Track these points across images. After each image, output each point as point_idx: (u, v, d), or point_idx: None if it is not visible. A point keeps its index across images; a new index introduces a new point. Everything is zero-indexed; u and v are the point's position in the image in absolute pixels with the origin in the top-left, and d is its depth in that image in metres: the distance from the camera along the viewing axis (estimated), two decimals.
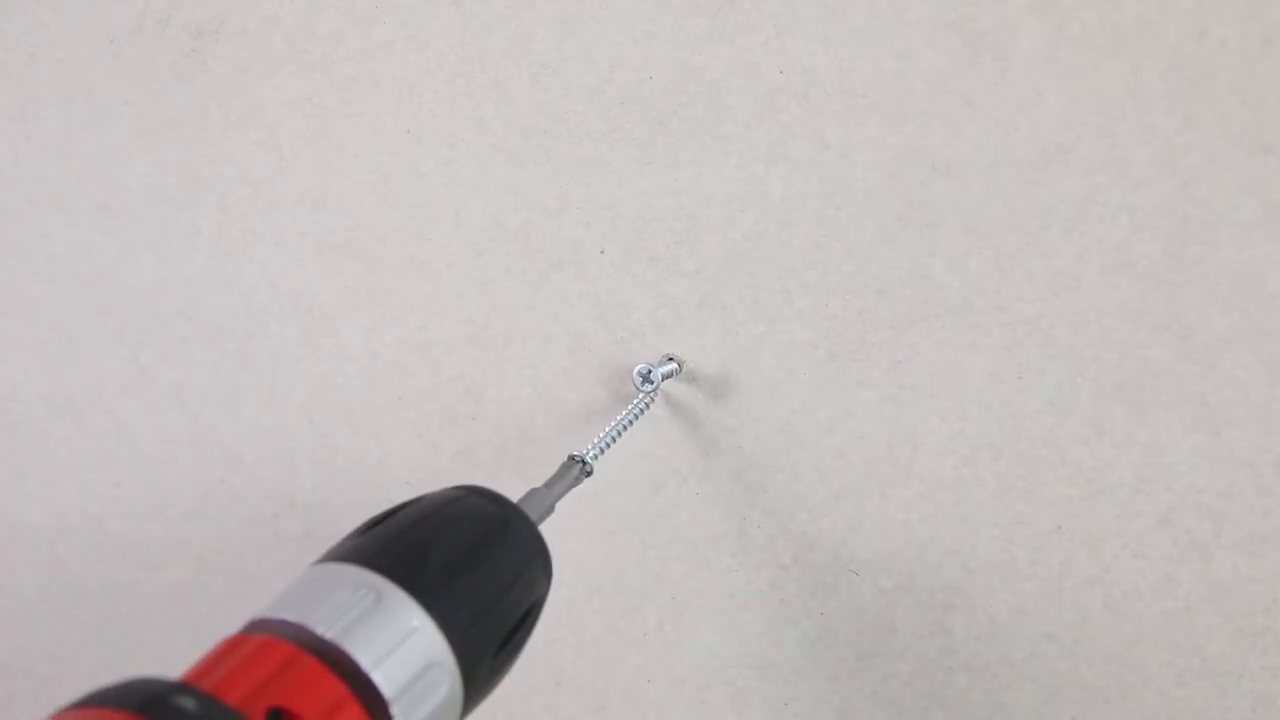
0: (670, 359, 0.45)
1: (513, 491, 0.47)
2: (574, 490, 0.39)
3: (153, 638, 0.55)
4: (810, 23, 0.42)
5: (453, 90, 0.46)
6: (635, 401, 0.44)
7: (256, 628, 0.29)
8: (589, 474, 0.40)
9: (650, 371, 0.45)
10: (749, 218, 0.44)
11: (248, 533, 0.52)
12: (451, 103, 0.46)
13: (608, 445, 0.42)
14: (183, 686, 0.25)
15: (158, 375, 0.51)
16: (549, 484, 0.39)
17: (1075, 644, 0.44)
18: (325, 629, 0.28)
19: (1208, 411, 0.41)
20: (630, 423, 0.43)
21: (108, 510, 0.53)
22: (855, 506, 0.45)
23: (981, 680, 0.45)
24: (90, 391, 0.52)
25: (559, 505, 0.38)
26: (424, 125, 0.47)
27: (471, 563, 0.32)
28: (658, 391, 0.45)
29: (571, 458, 0.40)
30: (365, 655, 0.28)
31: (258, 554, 0.52)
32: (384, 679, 0.28)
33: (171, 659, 0.56)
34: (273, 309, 0.49)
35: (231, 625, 0.56)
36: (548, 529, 0.36)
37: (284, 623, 0.28)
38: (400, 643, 0.29)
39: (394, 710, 0.28)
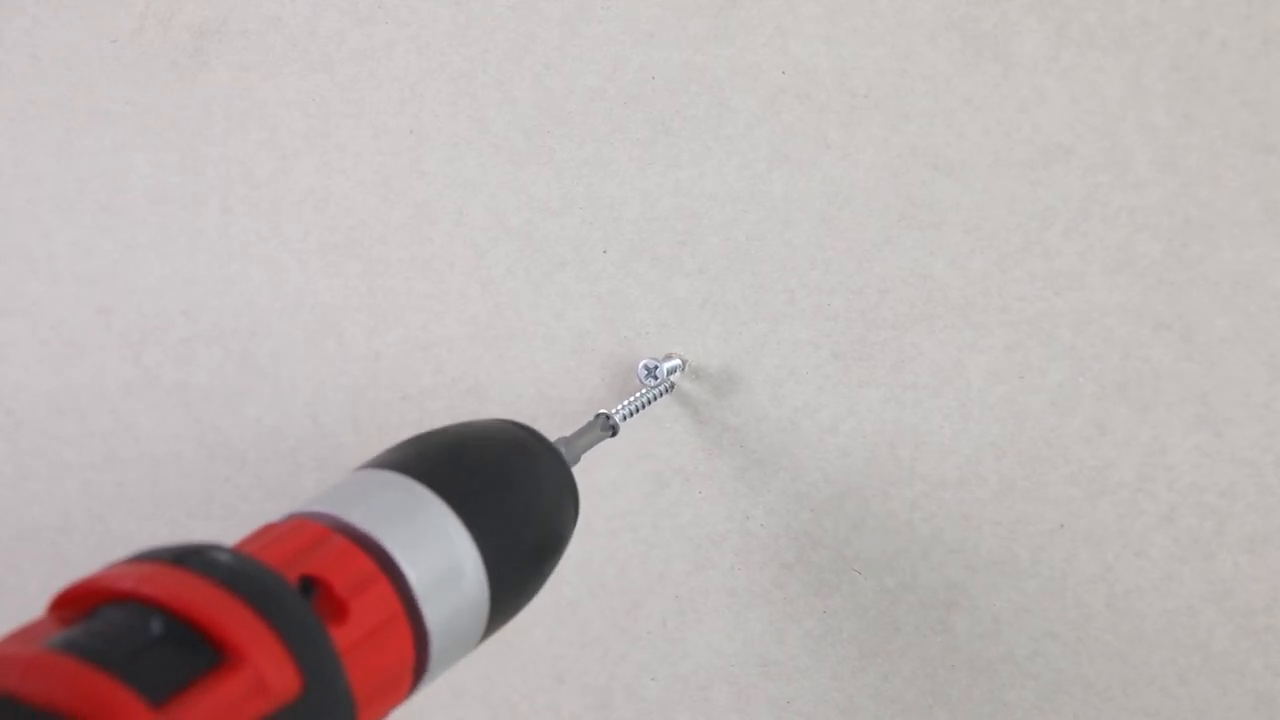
0: (673, 358, 0.45)
1: None
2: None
3: None
4: (812, 23, 0.42)
5: (455, 90, 0.46)
6: (660, 380, 0.45)
7: (297, 517, 0.29)
8: (614, 434, 0.42)
9: (656, 367, 0.45)
10: (751, 217, 0.44)
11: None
12: (454, 103, 0.46)
13: (633, 411, 0.43)
14: (217, 545, 0.25)
15: (161, 375, 0.51)
16: (576, 434, 0.40)
17: (1078, 642, 0.44)
18: (357, 519, 0.28)
19: (1209, 411, 0.41)
20: (655, 397, 0.44)
21: (111, 510, 0.53)
22: (858, 505, 0.45)
23: (984, 678, 0.45)
24: (93, 391, 0.52)
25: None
26: (426, 125, 0.47)
27: (503, 478, 0.33)
28: (681, 370, 0.45)
29: (600, 414, 0.42)
30: (394, 544, 0.28)
31: None
32: (412, 569, 0.28)
33: None
34: (275, 309, 0.49)
35: None
36: None
37: (318, 514, 0.29)
38: (430, 539, 0.29)
39: (421, 603, 0.28)
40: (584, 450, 0.39)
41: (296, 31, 0.47)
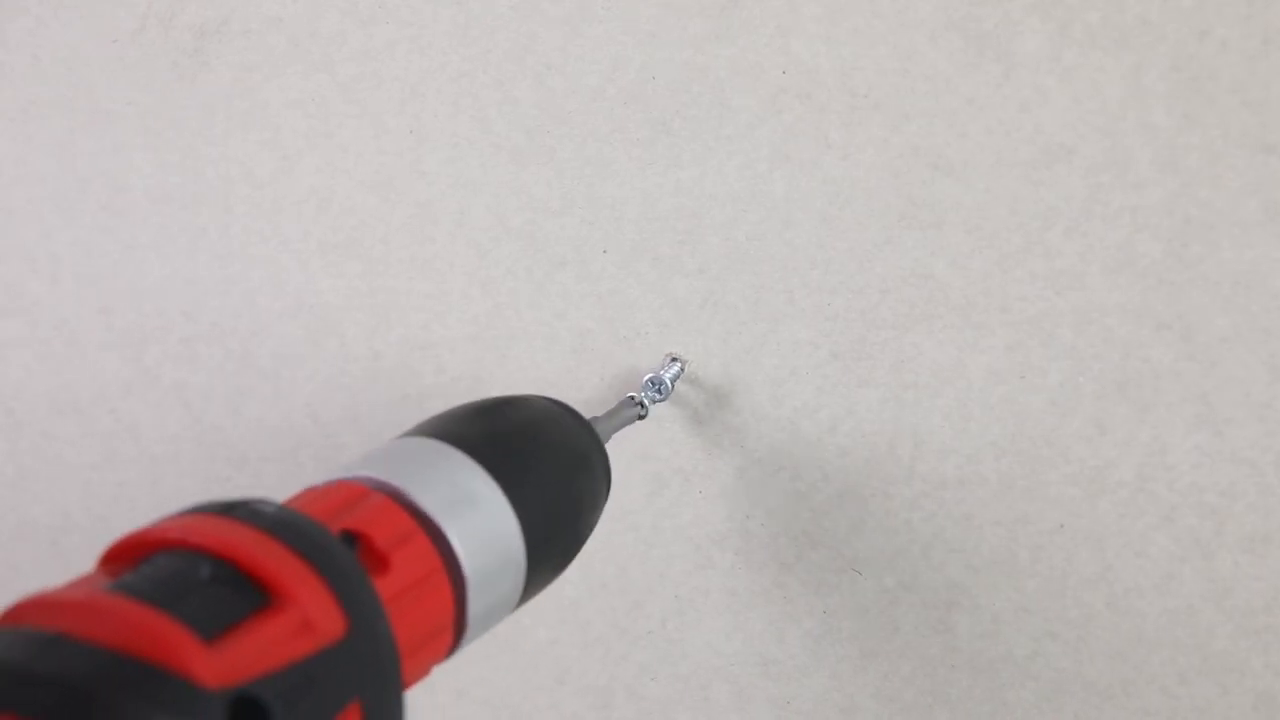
0: (674, 359, 0.46)
1: None
2: None
3: None
4: (813, 23, 0.42)
5: (456, 90, 0.46)
6: (679, 368, 0.45)
7: (330, 481, 0.30)
8: (643, 417, 0.43)
9: (661, 383, 0.45)
10: (752, 217, 0.44)
11: None
12: (455, 103, 0.46)
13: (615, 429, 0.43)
14: (266, 500, 0.26)
15: (161, 375, 0.51)
16: (607, 415, 0.41)
17: (1078, 642, 0.44)
18: (396, 480, 0.29)
19: (1209, 410, 0.41)
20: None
21: (111, 509, 0.53)
22: (858, 505, 0.45)
23: (984, 678, 0.45)
24: (93, 391, 0.52)
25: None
26: (427, 125, 0.47)
27: (538, 444, 0.34)
28: (681, 372, 0.46)
29: (631, 397, 0.43)
30: (432, 504, 0.29)
31: None
32: (451, 527, 0.29)
33: None
34: (276, 309, 0.49)
35: None
36: None
37: (357, 476, 0.30)
38: (467, 500, 0.30)
39: (461, 560, 0.29)
40: (615, 430, 0.40)
41: (298, 32, 0.47)
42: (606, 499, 0.37)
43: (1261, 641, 0.42)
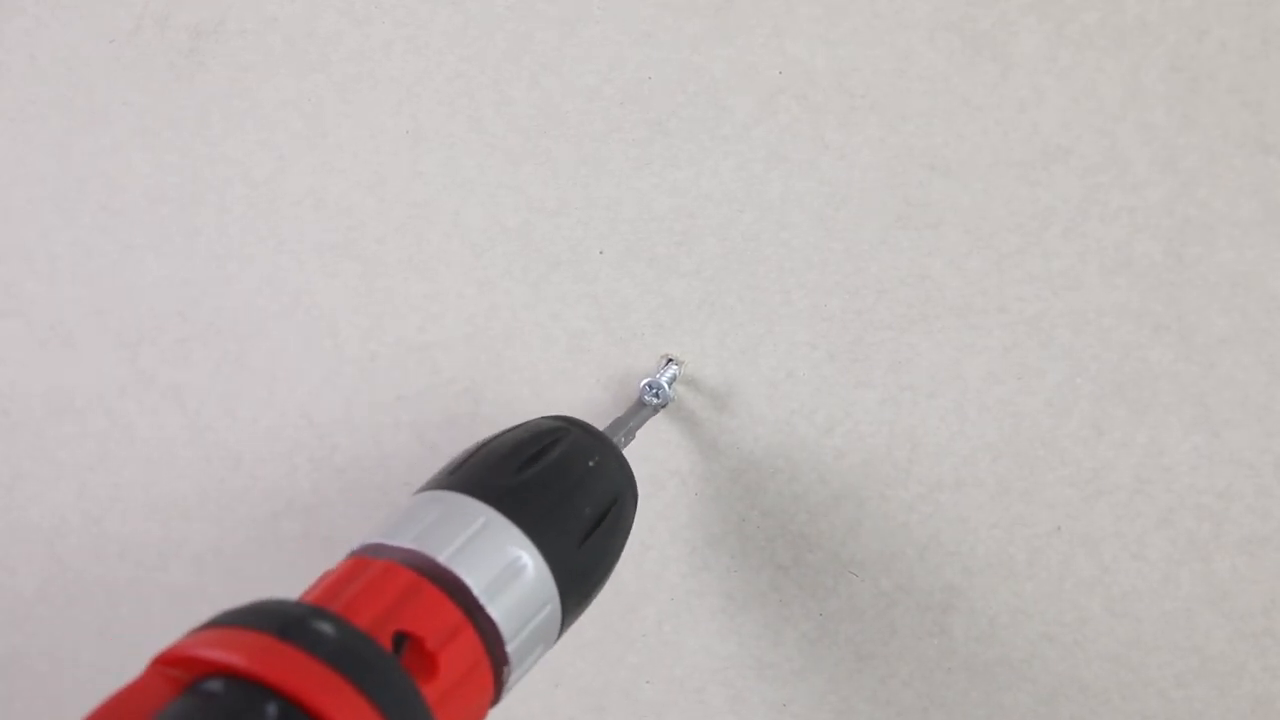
0: (670, 360, 0.45)
1: None
2: None
3: (152, 638, 0.54)
4: (809, 23, 0.42)
5: (452, 90, 0.46)
6: (675, 369, 0.45)
7: (371, 552, 0.30)
8: (661, 407, 0.44)
9: (659, 390, 0.44)
10: (748, 218, 0.44)
11: (247, 533, 0.52)
12: (451, 103, 0.46)
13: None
14: (318, 610, 0.26)
15: (157, 375, 0.51)
16: (628, 413, 0.41)
17: (1075, 645, 0.44)
18: (437, 553, 0.29)
19: (1207, 412, 0.41)
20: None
21: (106, 510, 0.53)
22: (854, 507, 0.45)
23: (981, 681, 0.45)
24: (89, 391, 0.52)
25: None
26: (423, 125, 0.46)
27: (532, 465, 0.34)
28: (677, 374, 0.46)
29: (643, 396, 0.43)
30: (479, 584, 0.29)
31: (257, 554, 0.52)
32: (496, 608, 0.29)
33: None
34: (272, 309, 0.49)
35: None
36: None
37: (397, 548, 0.30)
38: (510, 571, 0.30)
39: (505, 640, 0.29)
40: (639, 427, 0.41)
41: (294, 32, 0.47)
42: (634, 516, 0.37)
43: (1259, 644, 0.42)
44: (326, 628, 0.25)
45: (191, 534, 0.53)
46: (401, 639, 0.27)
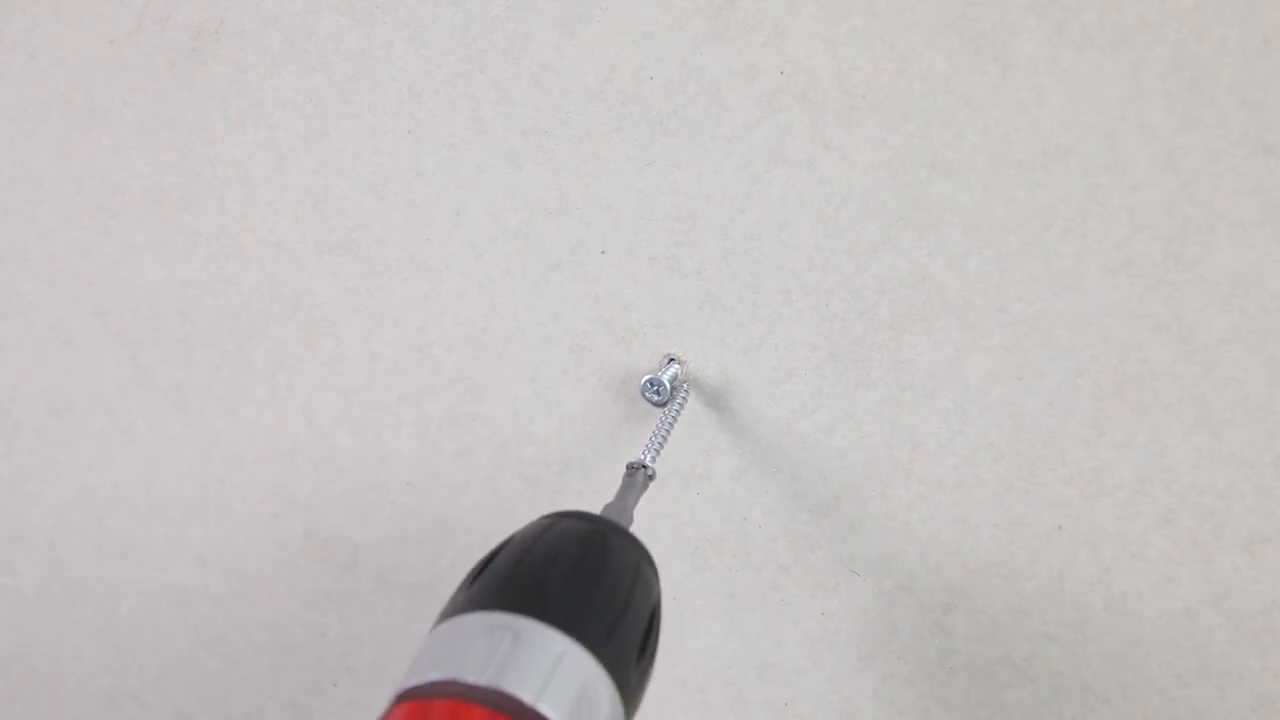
0: (671, 359, 0.45)
1: (512, 492, 0.47)
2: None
3: (152, 637, 0.55)
4: (810, 23, 0.42)
5: (452, 90, 0.46)
6: (673, 403, 0.44)
7: (411, 695, 0.28)
8: (652, 477, 0.41)
9: (659, 383, 0.44)
10: (749, 218, 0.44)
11: (247, 533, 0.52)
12: (451, 103, 0.46)
13: (660, 447, 0.42)
14: None
15: (157, 375, 0.51)
16: (619, 496, 0.39)
17: (1075, 644, 0.44)
18: (478, 677, 0.27)
19: (1207, 412, 0.41)
20: (674, 420, 0.44)
21: (107, 510, 0.53)
22: (856, 507, 0.45)
23: (982, 680, 0.45)
24: (90, 392, 0.52)
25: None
26: (424, 125, 0.46)
27: (589, 579, 0.32)
28: (680, 373, 0.45)
29: (631, 465, 0.41)
30: (527, 691, 0.27)
31: (257, 554, 0.52)
32: (551, 709, 0.27)
33: (171, 658, 0.56)
34: (272, 310, 0.49)
35: (230, 625, 0.56)
36: None
37: (435, 683, 0.27)
38: (554, 670, 0.28)
39: None
40: (633, 507, 0.39)
41: (294, 31, 0.47)
42: (661, 594, 0.36)
43: (1260, 644, 0.42)
44: None
45: (192, 533, 0.53)
46: None
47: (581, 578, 0.32)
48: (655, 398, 0.45)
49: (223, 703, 0.55)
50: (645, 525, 0.47)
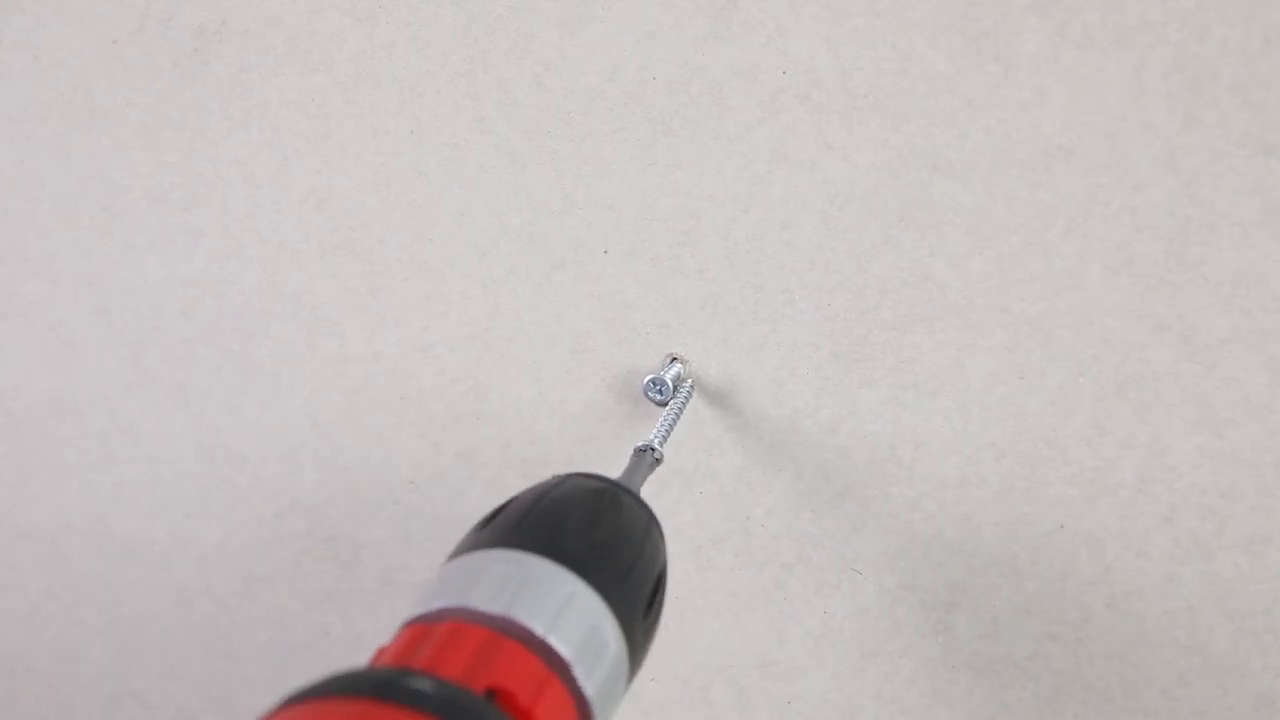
0: (674, 359, 0.45)
1: (516, 491, 0.47)
2: None
3: (155, 637, 0.55)
4: (812, 23, 0.42)
5: (455, 90, 0.46)
6: (679, 392, 0.45)
7: (419, 622, 0.28)
8: (660, 460, 0.41)
9: (661, 385, 0.45)
10: (751, 218, 0.44)
11: (250, 532, 0.52)
12: (454, 103, 0.46)
13: (668, 432, 0.42)
14: (407, 670, 0.25)
15: (160, 375, 0.51)
16: (627, 474, 0.39)
17: (1077, 643, 0.44)
18: (489, 605, 0.28)
19: (1209, 411, 0.41)
20: (681, 408, 0.44)
21: (110, 510, 0.53)
22: (858, 506, 0.45)
23: (984, 679, 0.45)
24: (92, 392, 0.52)
25: None
26: (426, 126, 0.46)
27: (602, 528, 0.32)
28: (683, 372, 0.45)
29: (639, 448, 0.41)
30: (538, 622, 0.28)
31: (260, 554, 0.52)
32: (560, 642, 0.28)
33: (174, 658, 0.56)
34: (275, 309, 0.49)
35: (233, 624, 0.56)
36: None
37: (445, 609, 0.28)
38: (565, 606, 0.29)
39: (576, 672, 0.28)
40: (640, 485, 0.39)
41: (296, 31, 0.47)
42: (667, 560, 0.36)
43: (1261, 643, 0.42)
44: (425, 684, 0.24)
45: (195, 533, 0.53)
46: (491, 695, 0.26)
47: (595, 526, 0.32)
48: (658, 397, 0.45)
49: (225, 702, 0.55)
50: None
